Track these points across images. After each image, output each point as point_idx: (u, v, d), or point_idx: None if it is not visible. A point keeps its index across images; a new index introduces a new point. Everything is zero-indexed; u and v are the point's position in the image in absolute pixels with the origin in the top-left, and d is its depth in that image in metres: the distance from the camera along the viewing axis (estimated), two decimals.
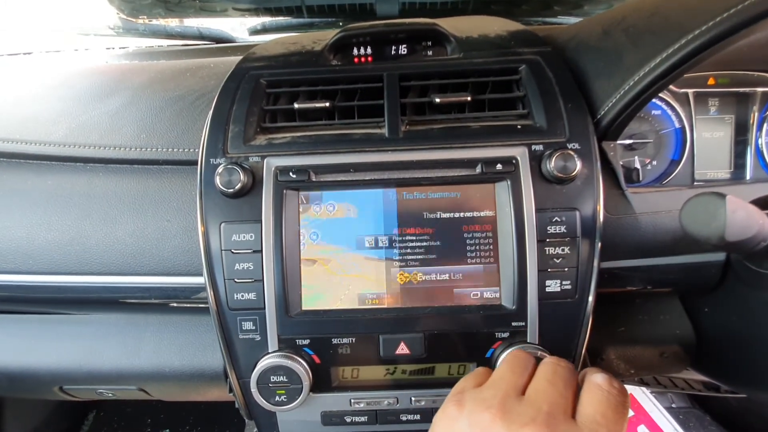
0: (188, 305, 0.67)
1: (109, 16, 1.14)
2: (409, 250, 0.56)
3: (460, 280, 0.56)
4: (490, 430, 0.40)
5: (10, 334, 0.72)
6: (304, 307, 0.57)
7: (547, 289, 0.55)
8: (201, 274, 0.57)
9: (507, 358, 0.50)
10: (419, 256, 0.56)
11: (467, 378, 0.49)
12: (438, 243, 0.56)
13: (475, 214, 0.56)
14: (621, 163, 0.68)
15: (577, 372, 0.46)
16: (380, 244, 0.56)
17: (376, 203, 0.57)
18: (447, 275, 0.56)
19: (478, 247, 0.56)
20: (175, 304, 0.68)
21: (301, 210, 0.57)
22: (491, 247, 0.56)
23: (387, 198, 0.57)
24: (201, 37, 1.14)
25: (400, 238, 0.56)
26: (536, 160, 0.56)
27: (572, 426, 0.40)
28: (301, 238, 0.57)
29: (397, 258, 0.56)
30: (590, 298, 0.55)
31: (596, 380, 0.44)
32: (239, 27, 1.24)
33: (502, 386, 0.44)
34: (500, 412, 0.41)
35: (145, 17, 1.17)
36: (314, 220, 0.57)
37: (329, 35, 0.69)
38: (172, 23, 1.23)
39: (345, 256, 0.57)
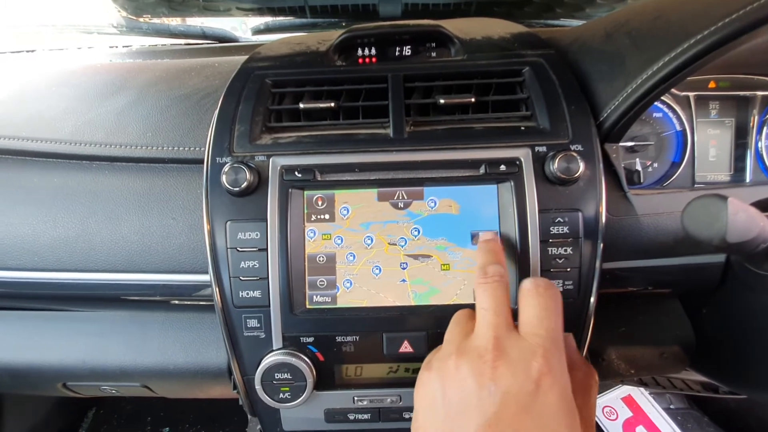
0: (192, 302, 0.68)
1: (112, 14, 1.14)
2: (414, 249, 0.57)
3: (464, 279, 0.57)
4: (457, 374, 0.44)
5: (14, 330, 0.72)
6: (309, 305, 0.57)
7: None
8: (206, 272, 0.58)
9: (452, 318, 0.52)
10: (423, 256, 0.57)
11: (432, 351, 0.52)
12: (442, 243, 0.57)
13: (479, 214, 0.57)
14: (623, 164, 0.69)
15: (505, 278, 0.49)
16: (387, 243, 0.57)
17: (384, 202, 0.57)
18: (452, 274, 0.57)
19: None
20: (178, 302, 0.68)
21: (306, 209, 0.57)
22: None
23: (392, 197, 0.57)
24: (204, 36, 1.14)
25: (405, 237, 0.57)
26: (539, 161, 0.56)
27: (516, 337, 0.44)
28: (306, 236, 0.57)
29: (402, 257, 0.57)
30: (592, 299, 0.56)
31: (525, 286, 0.48)
32: (242, 26, 1.25)
33: (454, 336, 0.48)
34: (459, 355, 0.45)
35: (149, 16, 1.17)
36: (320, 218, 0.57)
37: (334, 36, 0.69)
38: (176, 22, 1.24)
39: (349, 254, 0.57)
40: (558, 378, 0.42)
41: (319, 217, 0.57)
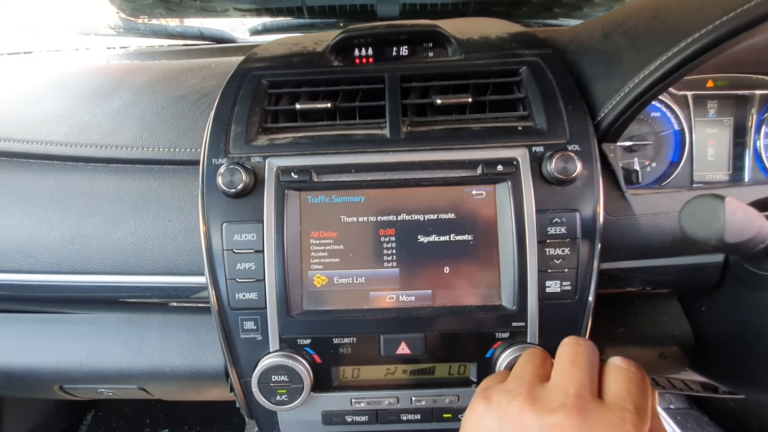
0: (189, 305, 0.67)
1: (109, 15, 1.14)
2: (410, 251, 0.57)
3: (461, 280, 0.57)
4: (520, 419, 0.40)
5: (10, 333, 0.72)
6: (306, 307, 0.57)
7: (548, 290, 0.55)
8: (202, 274, 0.57)
9: (524, 353, 0.49)
10: (420, 257, 0.57)
11: (490, 378, 0.49)
12: (439, 244, 0.56)
13: (476, 214, 0.56)
14: (621, 164, 0.69)
15: (597, 350, 0.45)
16: (381, 244, 0.57)
17: (379, 204, 0.57)
18: (448, 276, 0.56)
19: (478, 248, 0.56)
20: (175, 304, 0.68)
21: (303, 209, 0.57)
22: (492, 247, 0.56)
23: (388, 198, 0.57)
24: (202, 37, 1.14)
25: (402, 239, 0.57)
26: (537, 161, 0.56)
27: (601, 405, 0.39)
28: (304, 237, 0.57)
29: (398, 258, 0.57)
30: (590, 299, 0.56)
31: (616, 362, 0.44)
32: (240, 27, 1.24)
33: (526, 376, 0.44)
34: (528, 400, 0.41)
35: (146, 17, 1.17)
36: (317, 219, 0.57)
37: (331, 36, 0.69)
38: (173, 23, 1.23)
39: (346, 255, 0.57)
40: None
41: (315, 218, 0.57)
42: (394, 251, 0.57)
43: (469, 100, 0.61)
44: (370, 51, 0.70)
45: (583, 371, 0.42)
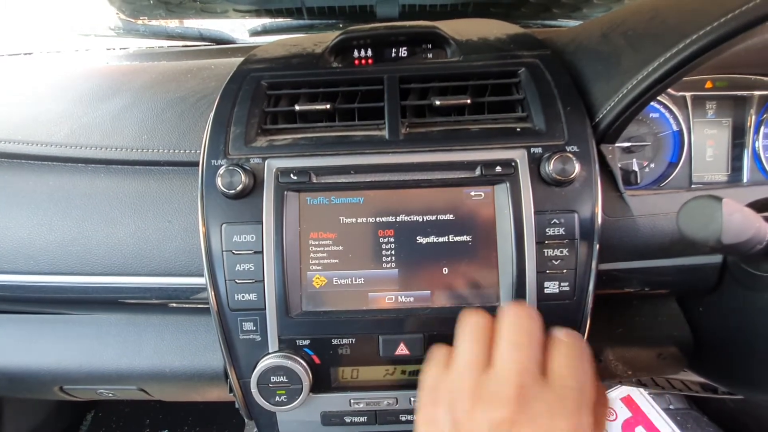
0: (188, 305, 0.68)
1: (109, 16, 1.14)
2: (408, 252, 0.57)
3: (459, 281, 0.57)
4: (471, 418, 0.40)
5: (10, 334, 0.72)
6: (305, 308, 0.57)
7: (546, 291, 0.55)
8: (202, 275, 0.58)
9: (463, 327, 0.47)
10: (419, 258, 0.57)
11: (433, 367, 0.48)
12: (438, 245, 0.57)
13: (474, 215, 0.57)
14: (619, 165, 0.69)
15: (537, 315, 0.45)
16: (380, 245, 0.57)
17: (378, 205, 0.57)
18: (446, 276, 0.57)
19: (477, 249, 0.56)
20: (174, 305, 0.68)
21: (302, 211, 0.57)
22: (490, 248, 0.56)
23: (387, 199, 0.57)
24: (201, 38, 1.14)
25: (401, 240, 0.57)
26: (535, 162, 0.56)
27: (543, 388, 0.40)
28: (303, 238, 0.57)
29: (397, 259, 0.57)
30: (588, 300, 0.56)
31: (556, 335, 0.45)
32: (240, 28, 1.24)
33: (467, 366, 0.44)
34: (474, 397, 0.41)
35: (146, 18, 1.18)
36: (316, 220, 0.57)
37: (330, 37, 0.69)
38: (173, 24, 1.24)
39: (345, 256, 0.57)
40: None
41: (314, 219, 0.57)
42: (393, 252, 0.57)
43: (468, 101, 0.61)
44: (370, 52, 0.70)
45: (524, 352, 0.42)
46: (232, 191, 0.55)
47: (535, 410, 0.39)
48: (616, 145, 0.61)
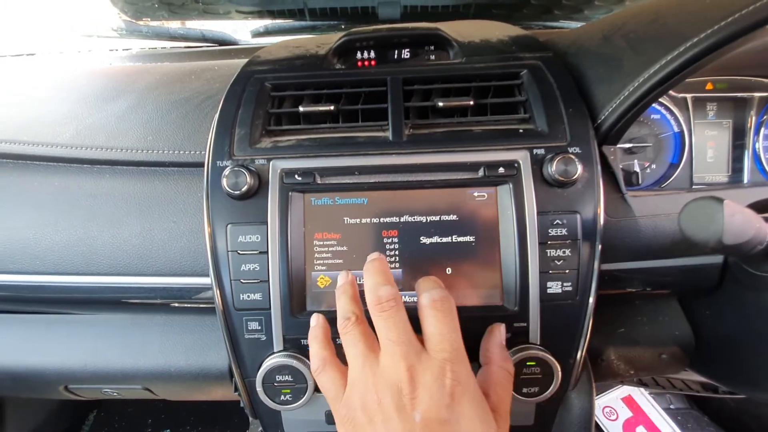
0: (193, 305, 0.68)
1: (112, 17, 1.14)
2: (412, 252, 0.57)
3: (463, 281, 0.57)
4: (381, 410, 0.44)
5: (16, 334, 0.72)
6: (310, 308, 0.57)
7: (549, 291, 0.56)
8: (207, 275, 0.58)
9: (343, 339, 0.49)
10: (422, 259, 0.57)
11: (328, 383, 0.50)
12: (441, 245, 0.57)
13: (478, 216, 0.57)
14: (621, 166, 0.69)
15: (399, 300, 0.48)
16: (384, 245, 0.57)
17: (382, 206, 0.58)
18: (450, 276, 0.57)
19: (480, 249, 0.57)
20: (179, 305, 0.68)
21: (306, 211, 0.58)
22: (493, 249, 0.57)
23: (391, 200, 0.58)
24: (204, 39, 1.15)
25: (404, 240, 0.57)
26: (538, 163, 0.57)
27: (427, 359, 0.45)
28: (307, 238, 0.57)
29: (401, 260, 0.57)
30: (591, 300, 0.56)
31: (423, 302, 0.48)
32: (242, 29, 1.25)
33: (360, 373, 0.47)
34: (377, 391, 0.45)
35: (148, 19, 1.18)
36: (320, 221, 0.58)
37: (333, 39, 0.69)
38: (175, 25, 1.24)
39: (349, 256, 0.57)
40: (466, 385, 0.44)
41: (319, 219, 0.58)
42: (396, 252, 0.57)
43: (471, 102, 0.61)
44: (373, 54, 0.71)
45: (400, 342, 0.46)
46: (238, 192, 0.55)
47: (424, 380, 0.44)
48: (618, 146, 0.62)
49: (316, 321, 0.54)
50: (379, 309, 0.47)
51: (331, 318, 0.54)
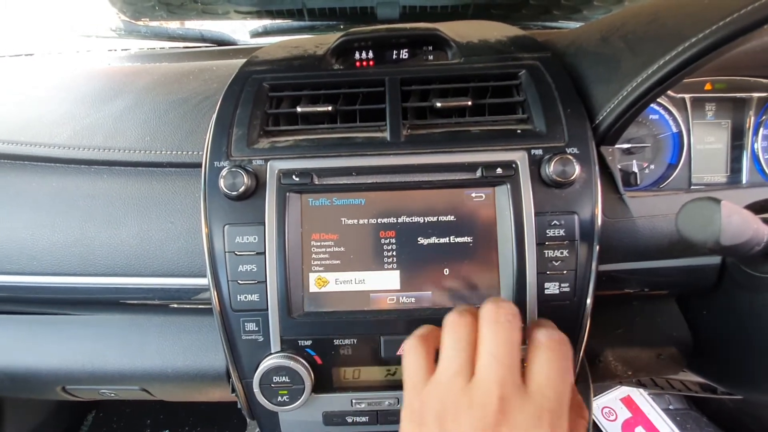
0: (190, 306, 0.68)
1: (110, 17, 1.14)
2: (410, 253, 0.57)
3: (460, 282, 0.57)
4: (458, 428, 0.41)
5: (13, 334, 0.72)
6: (307, 309, 0.57)
7: (546, 291, 0.56)
8: (204, 276, 0.58)
9: (447, 334, 0.46)
10: (420, 259, 0.57)
11: (413, 368, 0.47)
12: (439, 246, 0.57)
13: (475, 217, 0.57)
14: (619, 167, 0.69)
15: (517, 318, 0.45)
16: (381, 246, 0.57)
17: (379, 206, 0.57)
18: (447, 277, 0.57)
19: (478, 250, 0.57)
20: (177, 305, 0.68)
21: (304, 212, 0.57)
22: (491, 249, 0.57)
23: (389, 200, 0.58)
24: (203, 39, 1.14)
25: (402, 241, 0.57)
26: (536, 164, 0.56)
27: (523, 397, 0.41)
28: (305, 239, 0.57)
29: (398, 260, 0.57)
30: (588, 301, 0.56)
31: (539, 338, 0.45)
32: (241, 29, 1.25)
33: (453, 376, 0.44)
34: (458, 408, 0.42)
35: (147, 19, 1.18)
36: (318, 222, 0.57)
37: (331, 39, 0.69)
38: (174, 25, 1.24)
39: (347, 257, 0.57)
40: None
41: (316, 220, 0.57)
42: (394, 253, 0.57)
43: (469, 103, 0.61)
44: (371, 54, 0.71)
45: (503, 363, 0.42)
46: (235, 193, 0.55)
47: (515, 421, 0.40)
48: (616, 146, 0.62)
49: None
50: (495, 317, 0.44)
51: (330, 320, 0.54)
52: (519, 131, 0.59)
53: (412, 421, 0.44)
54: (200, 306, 0.67)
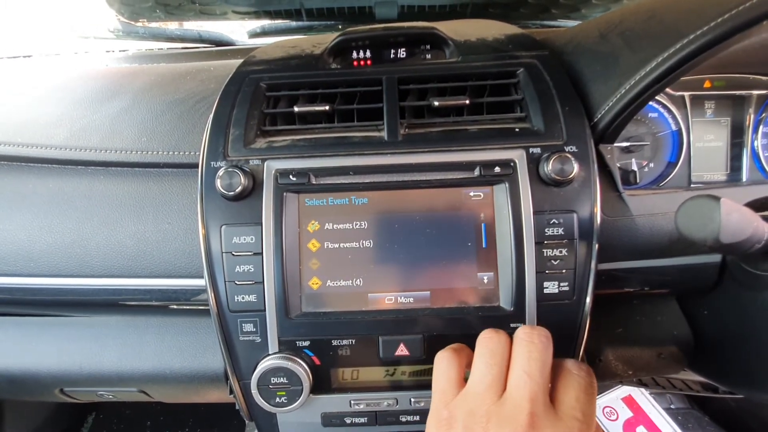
0: (188, 307, 0.68)
1: (108, 18, 1.14)
2: (407, 252, 0.57)
3: (460, 281, 0.57)
4: None
5: (11, 336, 0.72)
6: (305, 309, 0.57)
7: (545, 291, 0.55)
8: (202, 277, 0.58)
9: (481, 348, 0.48)
10: (418, 259, 0.57)
11: (444, 377, 0.49)
12: (437, 245, 0.57)
13: (474, 216, 0.57)
14: (618, 165, 0.69)
15: (550, 342, 0.47)
16: (379, 246, 0.57)
17: (377, 206, 0.57)
18: (446, 277, 0.57)
19: (477, 249, 0.56)
20: (174, 306, 0.68)
21: (301, 212, 0.57)
22: (490, 248, 0.56)
23: (387, 200, 0.57)
24: (200, 40, 1.14)
25: (400, 240, 0.57)
26: (534, 162, 0.56)
27: (553, 417, 0.43)
28: (302, 239, 0.57)
29: (396, 260, 0.57)
30: (588, 300, 0.56)
31: (569, 367, 0.47)
32: (239, 30, 1.25)
33: (485, 390, 0.45)
34: (488, 422, 0.43)
35: (145, 20, 1.18)
36: (315, 222, 0.57)
37: (329, 39, 0.69)
38: (172, 26, 1.24)
39: (344, 257, 0.57)
40: None
41: (313, 220, 0.57)
42: (392, 253, 0.57)
43: (467, 102, 0.61)
44: (368, 53, 0.70)
45: (535, 381, 0.44)
46: (232, 193, 0.55)
47: None
48: (615, 145, 0.61)
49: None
50: (529, 337, 0.46)
51: (328, 321, 0.55)
52: (517, 130, 0.59)
53: (439, 429, 0.46)
54: (198, 307, 0.67)
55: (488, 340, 0.48)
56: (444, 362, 0.50)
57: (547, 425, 0.42)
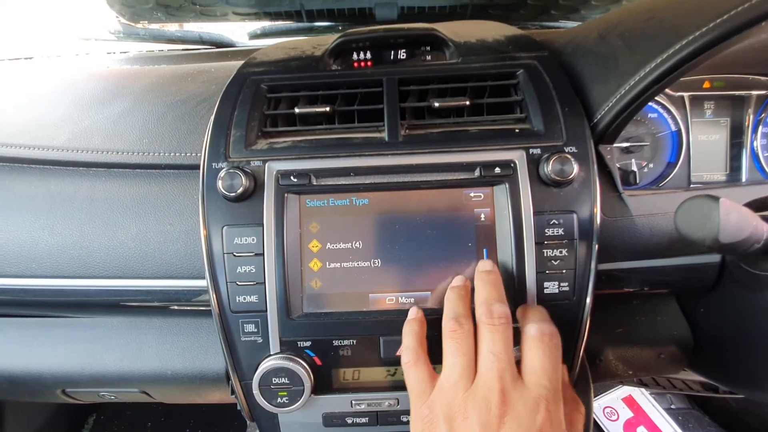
0: (190, 308, 0.68)
1: (109, 20, 1.15)
2: (408, 253, 0.57)
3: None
4: (465, 424, 0.45)
5: (12, 337, 0.72)
6: (306, 310, 0.57)
7: (545, 291, 0.55)
8: (203, 277, 0.58)
9: (446, 343, 0.50)
10: (419, 259, 0.57)
11: (415, 382, 0.51)
12: (438, 246, 0.57)
13: (474, 217, 0.57)
14: (618, 165, 0.69)
15: (509, 320, 0.49)
16: (380, 246, 0.57)
17: (378, 207, 0.57)
18: (447, 277, 0.57)
19: (477, 249, 0.57)
20: (176, 307, 0.68)
21: (302, 213, 0.57)
22: (490, 249, 0.57)
23: (387, 200, 0.57)
24: (201, 41, 1.15)
25: (401, 241, 0.57)
26: (534, 163, 0.56)
27: (522, 388, 0.46)
28: (303, 240, 0.57)
29: (397, 260, 0.57)
30: (588, 300, 0.56)
31: (531, 333, 0.49)
32: (239, 31, 1.25)
33: (458, 380, 0.47)
34: (464, 401, 0.46)
35: (146, 22, 1.18)
36: (317, 223, 0.57)
37: (329, 40, 0.69)
38: (173, 28, 1.24)
39: (345, 258, 0.57)
40: (557, 428, 0.45)
41: (315, 220, 0.57)
42: (393, 254, 0.57)
43: (467, 102, 0.61)
44: (369, 54, 0.71)
45: (501, 359, 0.46)
46: (233, 194, 0.55)
47: (517, 410, 0.44)
48: (615, 145, 0.62)
49: (415, 315, 0.55)
50: (490, 322, 0.48)
51: (329, 321, 0.55)
52: (517, 130, 0.59)
53: (422, 427, 0.47)
54: (199, 308, 0.67)
55: (452, 333, 0.50)
56: (411, 370, 0.51)
57: (516, 397, 0.45)
